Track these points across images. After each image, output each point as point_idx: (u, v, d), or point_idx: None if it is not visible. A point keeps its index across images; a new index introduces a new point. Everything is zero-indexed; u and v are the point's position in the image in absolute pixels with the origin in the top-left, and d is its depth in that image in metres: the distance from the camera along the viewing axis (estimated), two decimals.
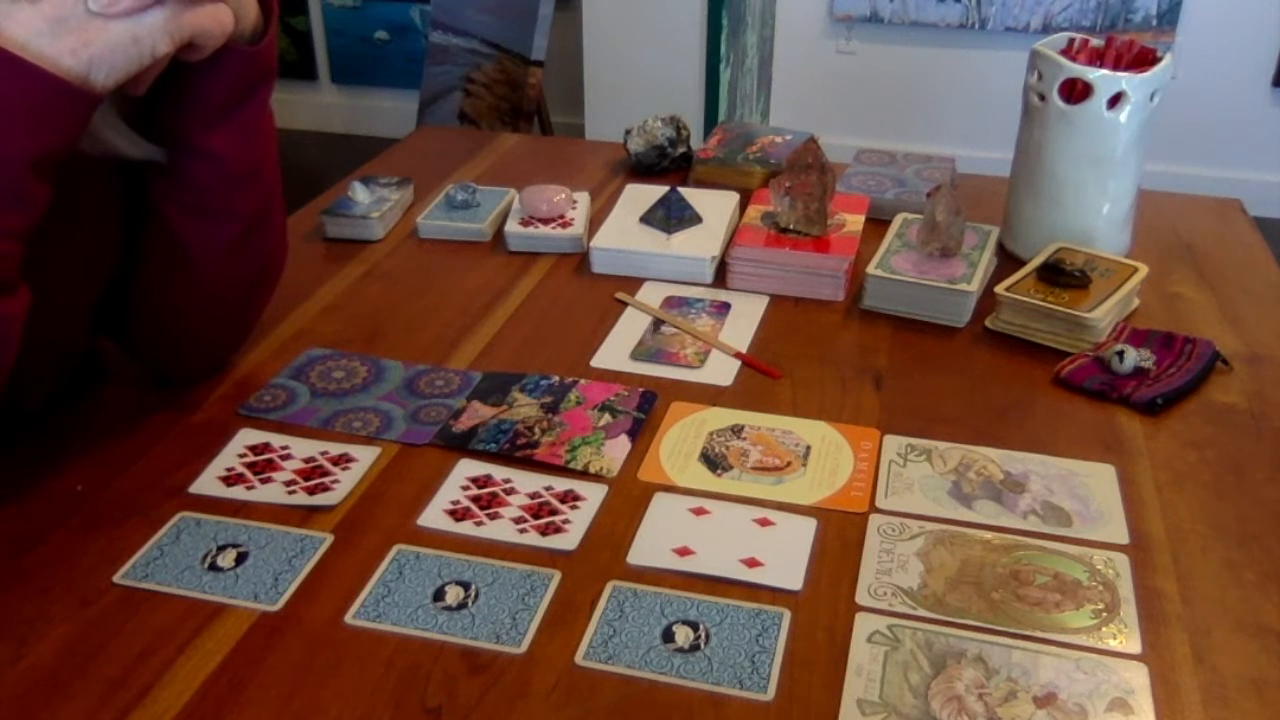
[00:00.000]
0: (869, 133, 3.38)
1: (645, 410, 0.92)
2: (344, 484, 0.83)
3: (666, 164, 1.40)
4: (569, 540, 0.77)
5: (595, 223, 1.22)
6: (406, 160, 1.46)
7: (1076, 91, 1.09)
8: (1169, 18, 3.19)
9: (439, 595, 0.72)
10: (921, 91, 3.46)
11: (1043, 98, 1.11)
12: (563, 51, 3.44)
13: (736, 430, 0.90)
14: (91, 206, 0.83)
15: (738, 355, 1.01)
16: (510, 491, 0.82)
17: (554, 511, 0.80)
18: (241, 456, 0.86)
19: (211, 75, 0.78)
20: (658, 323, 1.06)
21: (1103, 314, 1.00)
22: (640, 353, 1.01)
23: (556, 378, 0.96)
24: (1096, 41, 1.16)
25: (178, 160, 0.81)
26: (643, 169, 1.40)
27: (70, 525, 0.78)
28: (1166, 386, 0.94)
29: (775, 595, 0.73)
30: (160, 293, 0.88)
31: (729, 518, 0.80)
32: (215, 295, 0.89)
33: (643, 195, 1.25)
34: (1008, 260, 1.16)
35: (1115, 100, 1.08)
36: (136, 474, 0.84)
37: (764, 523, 0.80)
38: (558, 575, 0.74)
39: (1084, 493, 0.83)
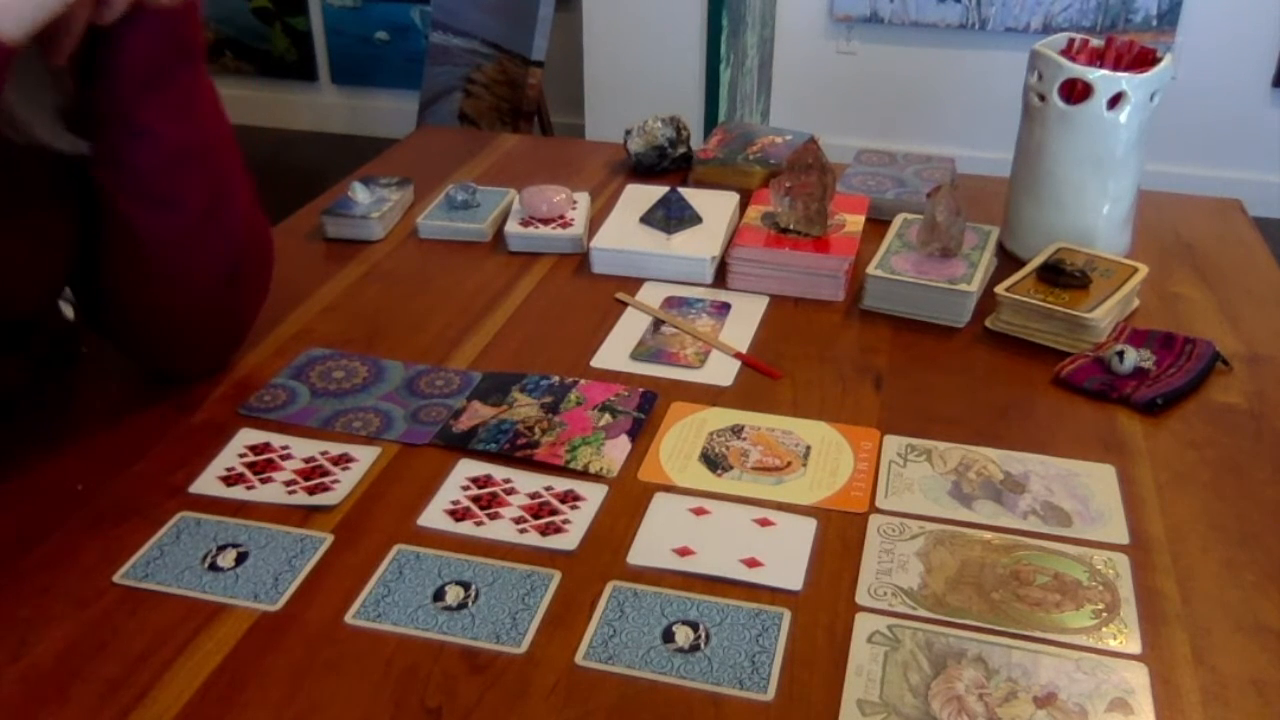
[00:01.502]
0: (869, 133, 3.37)
1: (645, 410, 0.92)
2: (344, 484, 0.83)
3: (666, 164, 1.40)
4: (569, 540, 0.77)
5: (595, 223, 1.22)
6: (406, 160, 1.46)
7: (1076, 92, 1.09)
8: (1169, 18, 3.19)
9: (439, 595, 0.72)
10: (921, 91, 3.46)
11: (1043, 98, 1.11)
12: (563, 51, 3.44)
13: (736, 430, 0.90)
14: (34, 190, 0.82)
15: (738, 355, 1.01)
16: (510, 491, 0.82)
17: (554, 511, 0.80)
18: (241, 456, 0.86)
19: (130, 39, 0.78)
20: (658, 323, 1.06)
21: (1103, 314, 1.00)
22: (640, 353, 1.01)
23: (556, 378, 0.96)
24: (1096, 42, 1.16)
25: (115, 142, 0.81)
26: (643, 169, 1.40)
27: (70, 525, 0.78)
28: (1166, 386, 0.94)
29: (775, 595, 0.73)
30: (128, 288, 0.88)
31: (729, 518, 0.80)
32: (184, 289, 0.88)
33: (643, 195, 1.25)
34: (1008, 260, 1.16)
35: (1115, 100, 1.08)
36: (136, 474, 0.84)
37: (764, 523, 0.80)
38: (558, 575, 0.74)
39: (1084, 493, 0.83)
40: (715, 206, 1.23)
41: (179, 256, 0.86)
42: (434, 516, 0.80)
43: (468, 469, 0.85)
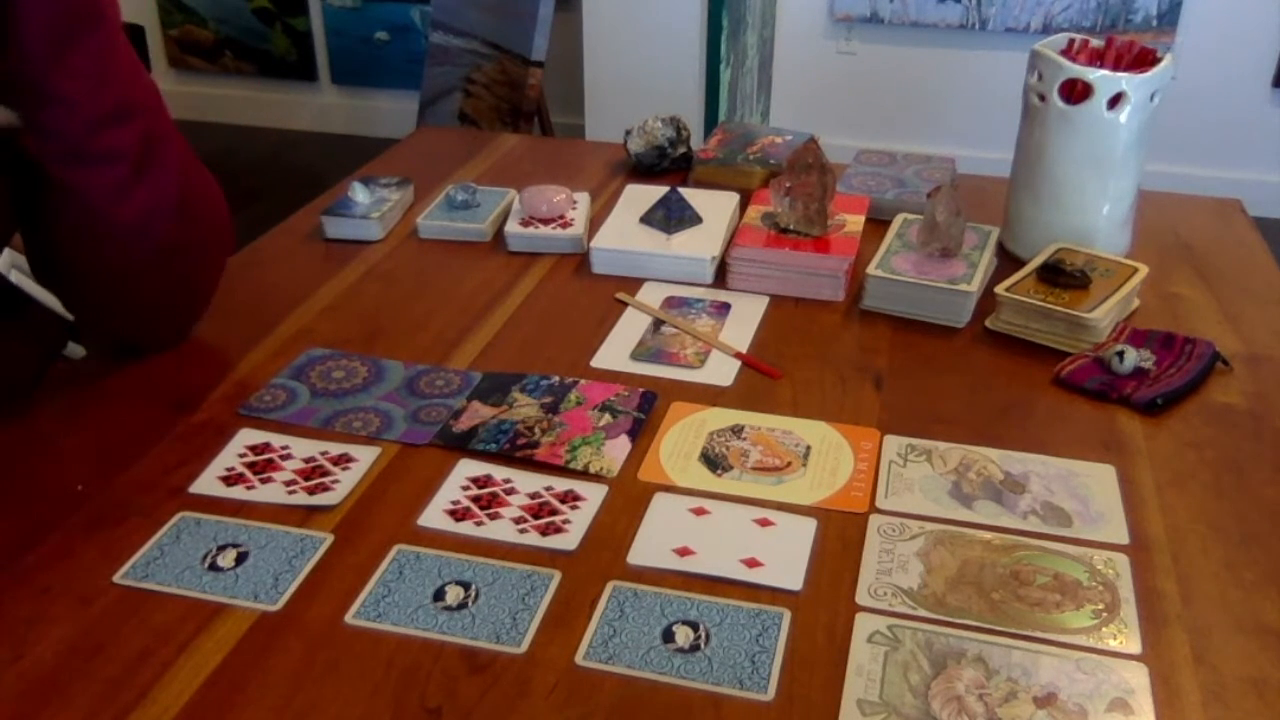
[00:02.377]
0: (869, 133, 3.37)
1: (645, 410, 0.92)
2: (344, 484, 0.83)
3: (666, 164, 1.40)
4: (569, 540, 0.77)
5: (595, 223, 1.22)
6: (406, 160, 1.46)
7: (1076, 92, 1.09)
8: (1169, 18, 3.19)
9: (439, 595, 0.72)
10: (921, 91, 3.46)
11: (1043, 98, 1.11)
12: (563, 51, 3.44)
13: (736, 430, 0.90)
14: None
15: (738, 355, 1.01)
16: (510, 491, 0.82)
17: (554, 511, 0.80)
18: (241, 456, 0.86)
19: (25, 6, 0.79)
20: (658, 323, 1.06)
21: (1103, 314, 1.01)
22: (640, 353, 1.01)
23: (556, 378, 0.96)
24: (1096, 42, 1.16)
25: (34, 111, 0.82)
26: (643, 169, 1.40)
27: (70, 525, 0.78)
28: (1166, 386, 0.94)
29: (775, 595, 0.73)
30: (78, 251, 0.89)
31: (729, 518, 0.80)
32: (134, 246, 0.89)
33: (643, 195, 1.25)
34: (1008, 260, 1.16)
35: (1115, 101, 1.08)
36: (136, 474, 0.84)
37: (764, 523, 0.79)
38: (558, 575, 0.74)
39: (1084, 493, 0.83)
40: (715, 206, 1.23)
41: (114, 211, 0.87)
42: (434, 516, 0.80)
43: (468, 469, 0.85)
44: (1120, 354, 0.96)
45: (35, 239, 0.90)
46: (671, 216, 1.19)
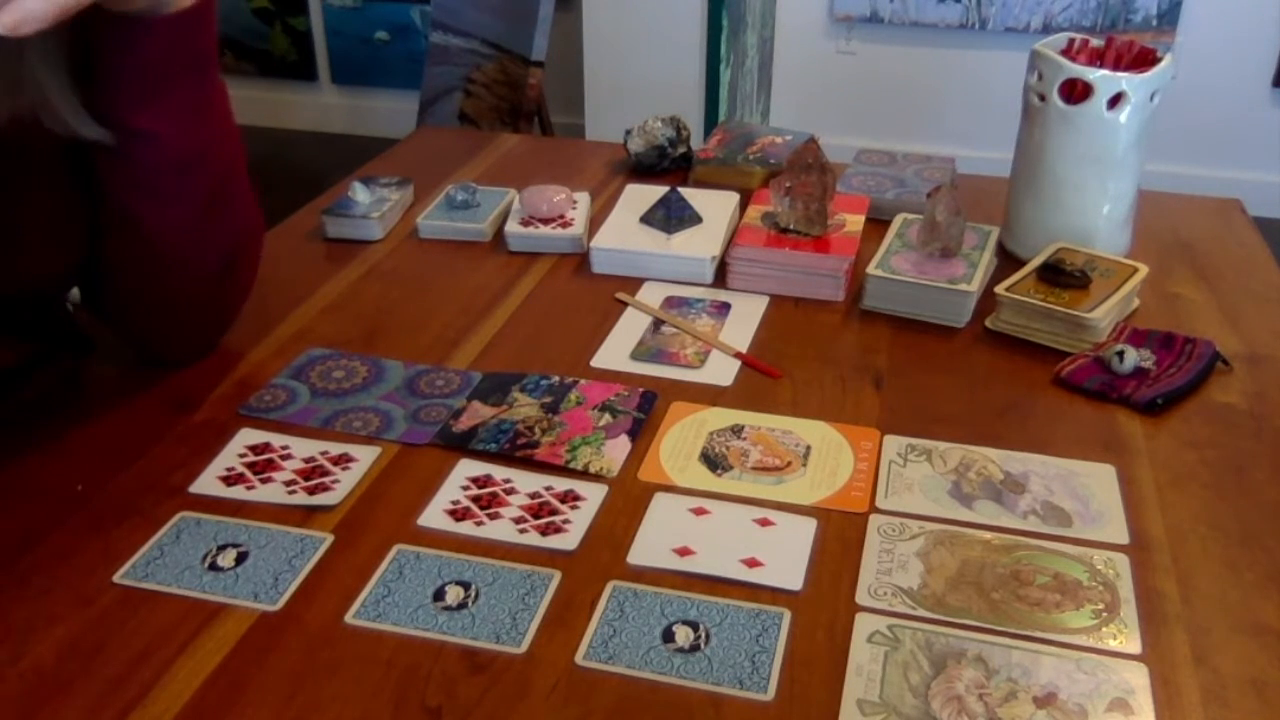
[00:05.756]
0: (869, 133, 3.37)
1: (645, 410, 0.92)
2: (344, 484, 0.83)
3: (666, 164, 1.40)
4: (569, 540, 0.77)
5: (595, 223, 1.22)
6: (406, 160, 1.46)
7: (1077, 92, 1.09)
8: (1169, 18, 3.19)
9: (439, 595, 0.72)
10: (921, 91, 3.46)
11: (1043, 98, 1.11)
12: (563, 51, 3.44)
13: (736, 430, 0.90)
14: (55, 167, 0.83)
15: (738, 355, 1.01)
16: (510, 491, 0.82)
17: (554, 511, 0.80)
18: (241, 456, 0.86)
19: (141, 46, 0.78)
20: (658, 323, 1.06)
21: (1103, 314, 1.01)
22: (640, 353, 1.01)
23: (556, 378, 0.96)
24: (1096, 42, 1.16)
25: (120, 141, 0.81)
26: (643, 169, 1.40)
27: (70, 525, 0.78)
28: (1166, 386, 0.94)
29: (775, 595, 0.73)
30: (124, 273, 0.89)
31: (729, 518, 0.80)
32: (179, 277, 0.90)
33: (643, 195, 1.25)
34: (1008, 260, 1.16)
35: (1115, 100, 1.08)
36: (136, 474, 0.84)
37: (764, 523, 0.80)
38: (558, 575, 0.74)
39: (1084, 493, 0.83)
40: (715, 206, 1.22)
41: (176, 247, 0.87)
42: (434, 516, 0.80)
43: (468, 469, 0.85)
44: (1120, 354, 0.96)
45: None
46: (671, 216, 1.19)
